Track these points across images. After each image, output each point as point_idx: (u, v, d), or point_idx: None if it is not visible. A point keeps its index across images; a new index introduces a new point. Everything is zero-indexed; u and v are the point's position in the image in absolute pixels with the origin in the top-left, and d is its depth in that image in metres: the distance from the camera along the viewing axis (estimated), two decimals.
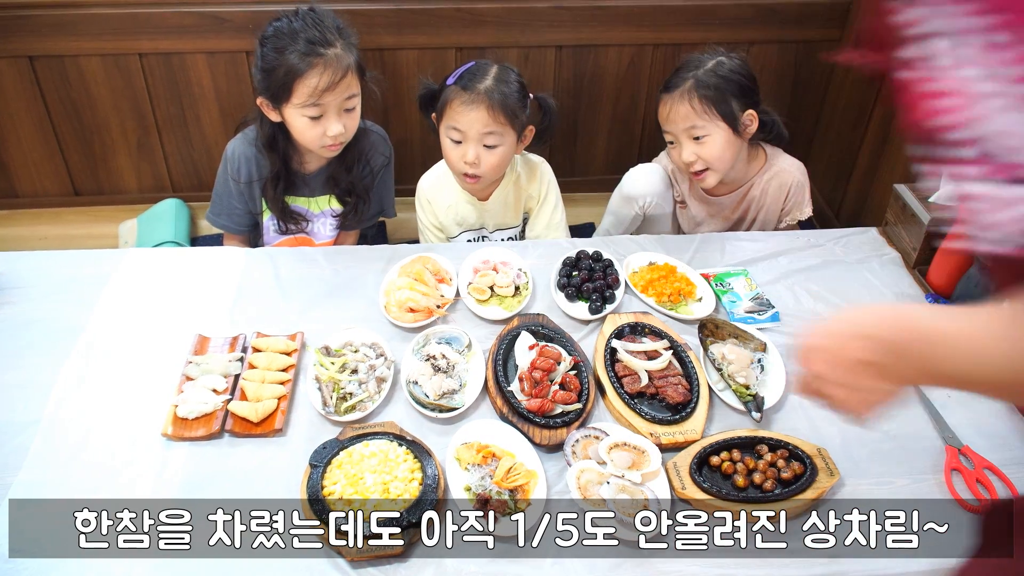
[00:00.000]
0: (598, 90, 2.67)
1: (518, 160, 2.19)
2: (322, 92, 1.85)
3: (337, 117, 1.91)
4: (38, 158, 2.61)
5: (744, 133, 2.07)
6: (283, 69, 1.84)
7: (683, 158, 2.07)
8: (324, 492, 1.32)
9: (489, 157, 1.98)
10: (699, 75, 2.00)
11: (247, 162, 2.07)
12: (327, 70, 1.84)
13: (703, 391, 1.57)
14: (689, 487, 1.38)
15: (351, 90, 1.91)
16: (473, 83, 1.93)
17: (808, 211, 2.20)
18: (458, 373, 1.58)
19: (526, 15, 2.45)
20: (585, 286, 1.80)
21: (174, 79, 2.49)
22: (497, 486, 1.34)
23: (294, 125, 1.93)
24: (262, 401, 1.50)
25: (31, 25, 2.33)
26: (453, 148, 2.00)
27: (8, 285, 1.78)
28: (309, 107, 1.87)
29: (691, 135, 2.04)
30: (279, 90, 1.87)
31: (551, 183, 2.22)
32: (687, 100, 2.00)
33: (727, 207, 2.24)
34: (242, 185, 2.09)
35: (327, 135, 1.92)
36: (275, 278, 1.84)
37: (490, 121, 1.93)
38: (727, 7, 2.52)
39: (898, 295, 1.86)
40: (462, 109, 1.93)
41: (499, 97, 1.92)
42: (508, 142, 1.99)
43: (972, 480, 1.42)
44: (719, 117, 2.00)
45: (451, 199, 2.17)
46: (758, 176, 2.18)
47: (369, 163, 2.14)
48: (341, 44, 1.88)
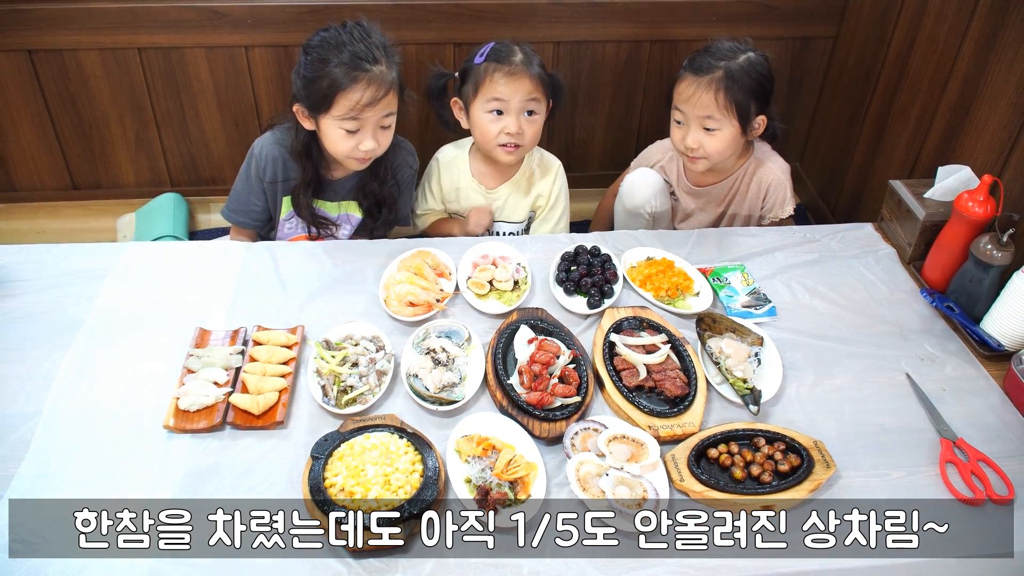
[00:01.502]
0: (596, 86, 2.68)
1: (535, 156, 2.24)
2: (363, 107, 1.86)
3: (373, 133, 1.93)
4: (36, 152, 2.61)
5: (750, 134, 2.10)
6: (327, 81, 1.85)
7: (686, 142, 2.08)
8: (326, 484, 1.33)
9: (530, 126, 2.08)
10: (731, 68, 2.00)
11: (273, 162, 2.06)
12: (371, 86, 1.85)
13: (701, 385, 1.58)
14: (687, 479, 1.39)
15: (390, 108, 1.93)
16: (508, 57, 2.03)
17: (789, 210, 2.21)
18: (458, 366, 1.59)
19: (524, 11, 2.46)
20: (584, 281, 1.81)
21: (173, 74, 2.49)
22: (497, 478, 1.36)
23: (328, 135, 1.94)
24: (263, 394, 1.51)
25: (30, 19, 2.33)
26: (494, 121, 2.07)
27: (8, 278, 1.79)
28: (348, 120, 1.88)
29: (704, 124, 2.05)
30: (320, 100, 1.87)
31: (563, 188, 2.27)
32: (713, 91, 2.00)
33: (715, 198, 2.25)
34: (266, 184, 2.09)
35: (360, 149, 1.93)
36: (275, 272, 1.85)
37: (532, 89, 2.03)
38: (725, 3, 2.53)
39: (893, 290, 1.87)
40: (504, 80, 2.01)
41: (537, 68, 2.05)
42: (543, 112, 2.10)
43: (967, 472, 1.44)
44: (736, 116, 2.02)
45: (462, 183, 2.23)
46: (742, 168, 2.21)
47: (396, 176, 2.16)
48: (386, 61, 1.89)
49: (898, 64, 2.33)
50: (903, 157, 2.32)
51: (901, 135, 2.33)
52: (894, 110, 2.37)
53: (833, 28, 2.64)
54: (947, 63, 2.11)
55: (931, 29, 2.17)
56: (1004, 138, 1.88)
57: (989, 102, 1.94)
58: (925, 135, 2.21)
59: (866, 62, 2.50)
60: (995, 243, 1.72)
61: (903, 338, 1.74)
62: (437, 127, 2.30)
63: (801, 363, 1.67)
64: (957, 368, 1.68)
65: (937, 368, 1.68)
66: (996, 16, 1.91)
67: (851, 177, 2.64)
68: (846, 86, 2.64)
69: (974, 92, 2.00)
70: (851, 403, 1.59)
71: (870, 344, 1.72)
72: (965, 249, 1.79)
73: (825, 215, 2.79)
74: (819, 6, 2.59)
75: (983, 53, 1.96)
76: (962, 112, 2.05)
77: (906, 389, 1.62)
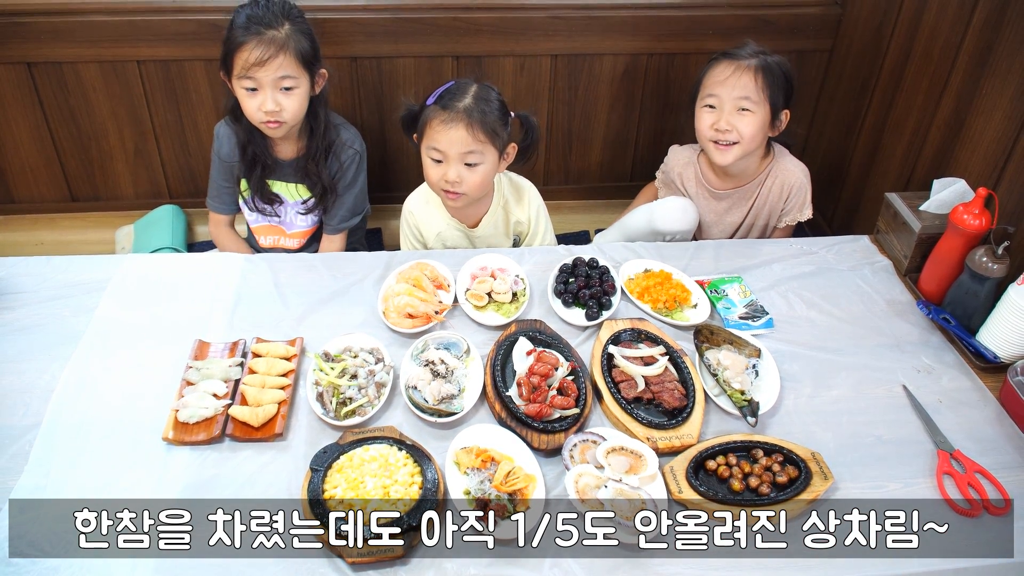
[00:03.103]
0: (593, 99, 2.69)
1: (504, 183, 2.18)
2: (252, 66, 1.96)
3: (272, 95, 2.01)
4: (35, 164, 2.62)
5: (776, 128, 2.15)
6: (227, 43, 2.01)
7: (720, 124, 2.11)
8: (325, 495, 1.34)
9: (471, 176, 1.96)
10: (767, 59, 2.09)
11: (228, 140, 2.20)
12: (259, 46, 1.96)
13: (699, 396, 1.59)
14: (686, 491, 1.39)
15: (284, 70, 1.99)
16: (452, 102, 1.92)
17: (808, 213, 2.23)
18: (457, 378, 1.60)
19: (522, 24, 2.47)
20: (582, 293, 1.82)
21: (172, 86, 2.50)
22: (496, 490, 1.36)
23: (240, 99, 2.05)
24: (262, 406, 1.51)
25: (30, 32, 2.34)
26: (434, 167, 1.98)
27: (7, 290, 1.79)
28: (244, 79, 2.00)
29: (739, 106, 2.09)
30: (223, 61, 2.03)
31: (540, 209, 2.21)
32: (752, 73, 2.07)
33: (738, 201, 2.27)
34: (224, 163, 2.23)
35: (261, 111, 2.02)
36: (274, 284, 1.85)
37: (470, 140, 1.91)
38: (721, 17, 2.55)
39: (890, 302, 1.88)
40: (441, 128, 1.92)
41: (478, 115, 1.91)
42: (489, 160, 1.98)
43: (963, 484, 1.44)
44: (768, 102, 2.08)
45: (440, 226, 2.15)
46: (763, 173, 2.23)
47: (338, 157, 2.22)
48: (287, 28, 1.99)
49: (893, 77, 2.35)
50: (899, 170, 2.34)
51: (897, 148, 2.35)
52: (889, 123, 2.38)
53: (829, 41, 2.66)
54: (942, 77, 2.12)
55: (926, 43, 2.19)
56: (998, 151, 1.90)
57: (984, 115, 1.96)
58: (920, 148, 2.22)
59: (862, 75, 2.52)
60: (991, 255, 1.73)
61: (900, 350, 1.75)
62: None
63: (798, 375, 1.68)
64: (953, 380, 1.69)
65: (934, 380, 1.68)
66: (990, 30, 1.93)
67: (847, 189, 2.65)
68: (842, 99, 2.65)
69: (969, 105, 2.01)
70: (848, 415, 1.59)
71: (867, 356, 1.73)
72: (961, 261, 1.80)
73: (821, 227, 2.80)
74: (815, 20, 2.61)
75: (977, 67, 1.98)
76: (957, 125, 2.06)
77: (903, 401, 1.63)
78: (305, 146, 2.20)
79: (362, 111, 2.62)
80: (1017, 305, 1.64)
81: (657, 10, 2.52)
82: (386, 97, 2.59)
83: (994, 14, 1.92)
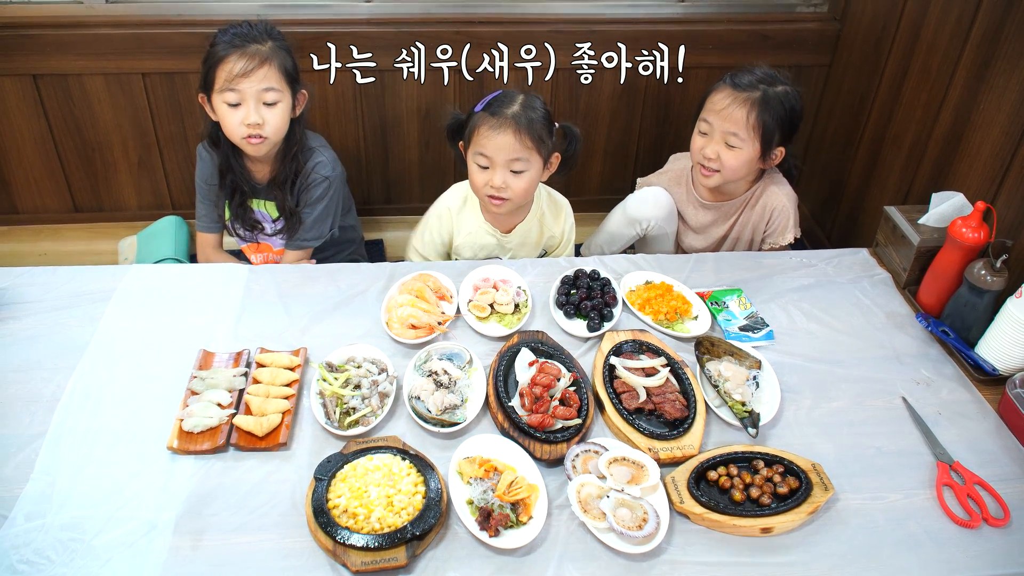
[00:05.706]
0: (594, 112, 2.71)
1: (544, 197, 2.22)
2: (236, 77, 1.96)
3: (255, 107, 2.00)
4: (39, 175, 2.64)
5: (767, 162, 2.15)
6: (210, 59, 2.00)
7: (705, 152, 2.12)
8: (329, 505, 1.34)
9: (516, 182, 2.01)
10: (768, 93, 2.06)
11: (206, 163, 2.20)
12: (243, 58, 1.97)
13: (700, 407, 1.59)
14: (687, 501, 1.40)
15: (268, 82, 2.00)
16: (501, 109, 1.97)
17: (790, 238, 2.25)
18: (459, 389, 1.61)
19: (521, 38, 2.49)
20: (584, 304, 1.83)
21: (176, 98, 2.52)
22: (499, 499, 1.37)
23: (219, 115, 2.04)
24: (267, 415, 1.52)
25: (35, 44, 2.36)
26: (480, 173, 2.02)
27: (12, 300, 1.80)
28: (227, 92, 1.99)
29: (728, 140, 2.09)
30: (205, 78, 2.02)
31: (572, 228, 2.26)
32: (747, 108, 2.06)
33: (722, 215, 2.29)
34: (204, 186, 2.22)
35: (243, 125, 2.00)
36: (278, 294, 1.86)
37: (517, 146, 1.96)
38: (720, 32, 2.57)
39: (889, 315, 1.89)
40: (490, 134, 1.96)
41: (526, 122, 1.96)
42: (535, 167, 2.02)
43: (963, 495, 1.45)
44: (759, 140, 2.07)
45: (473, 227, 2.19)
46: (748, 193, 2.24)
47: (306, 179, 2.19)
48: (270, 45, 2.01)
49: (892, 92, 2.37)
50: (897, 183, 2.35)
51: (895, 162, 2.36)
52: (888, 137, 2.40)
53: (827, 57, 2.68)
54: (940, 91, 2.14)
55: (924, 58, 2.21)
56: (996, 166, 1.92)
57: (982, 130, 1.98)
58: (919, 162, 2.24)
59: (860, 90, 2.54)
60: (989, 269, 1.74)
61: (899, 362, 1.76)
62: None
63: (799, 386, 1.69)
64: (952, 392, 1.70)
65: (933, 392, 1.69)
66: (988, 45, 1.95)
67: (846, 203, 2.67)
68: (840, 114, 2.68)
69: (967, 120, 2.03)
70: (848, 426, 1.60)
71: (867, 368, 1.74)
72: (959, 274, 1.82)
73: (821, 240, 2.82)
74: (813, 35, 2.64)
75: (975, 82, 2.00)
76: (955, 139, 2.08)
77: (902, 413, 1.64)
78: (278, 168, 2.18)
79: (364, 124, 2.64)
80: (1015, 318, 1.65)
81: (657, 25, 2.54)
82: (387, 110, 2.61)
83: (992, 29, 1.94)
